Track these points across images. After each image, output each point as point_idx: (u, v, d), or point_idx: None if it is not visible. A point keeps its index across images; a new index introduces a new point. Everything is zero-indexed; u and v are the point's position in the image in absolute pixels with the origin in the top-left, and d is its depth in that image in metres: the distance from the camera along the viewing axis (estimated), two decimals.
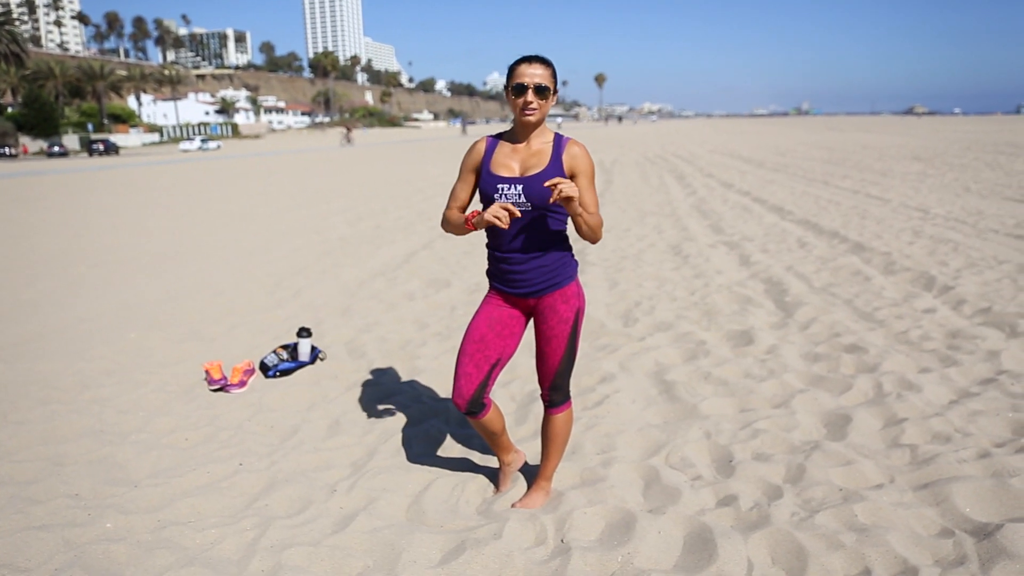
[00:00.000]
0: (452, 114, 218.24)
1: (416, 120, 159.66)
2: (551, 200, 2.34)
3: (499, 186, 2.49)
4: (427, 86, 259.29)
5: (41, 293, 7.13)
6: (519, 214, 2.39)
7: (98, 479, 3.16)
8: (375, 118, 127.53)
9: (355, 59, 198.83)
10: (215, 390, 4.22)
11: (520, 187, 2.46)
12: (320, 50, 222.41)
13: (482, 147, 2.60)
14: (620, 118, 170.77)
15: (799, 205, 11.83)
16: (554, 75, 2.47)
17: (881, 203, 11.73)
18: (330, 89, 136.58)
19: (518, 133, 2.55)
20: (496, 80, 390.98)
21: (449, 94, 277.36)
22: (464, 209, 2.68)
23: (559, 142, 2.52)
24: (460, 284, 6.88)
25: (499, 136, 2.62)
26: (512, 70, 2.46)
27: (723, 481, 2.99)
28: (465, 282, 6.98)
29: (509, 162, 2.53)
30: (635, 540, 2.54)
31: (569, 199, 2.31)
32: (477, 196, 2.67)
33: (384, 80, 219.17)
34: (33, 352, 5.09)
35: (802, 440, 3.36)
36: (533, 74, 2.42)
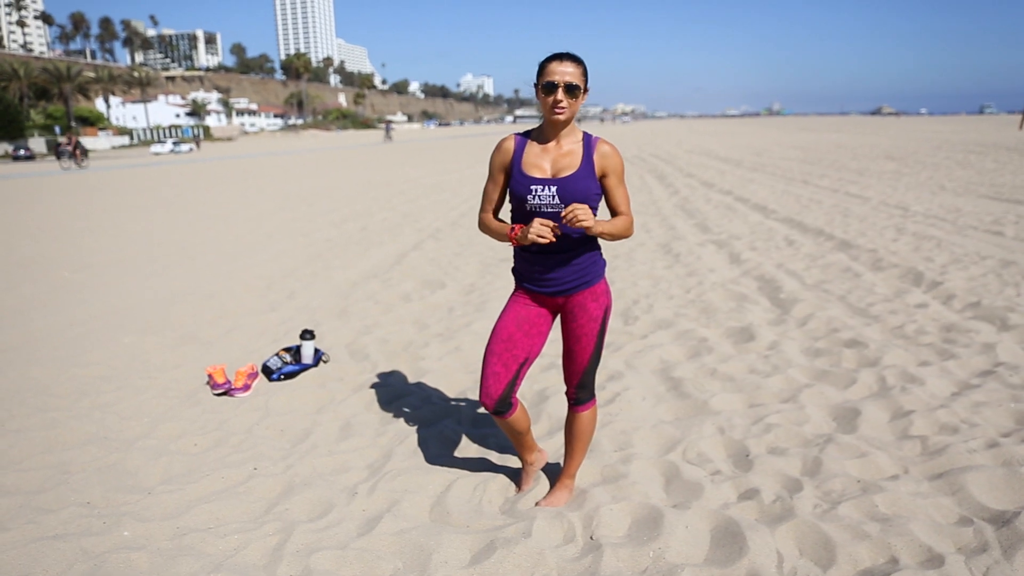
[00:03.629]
0: (426, 116, 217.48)
1: (390, 122, 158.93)
2: (567, 222, 2.35)
3: (532, 187, 2.48)
4: (400, 88, 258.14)
5: (24, 298, 6.96)
6: (558, 234, 2.43)
7: (109, 486, 3.10)
8: (349, 120, 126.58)
9: (328, 61, 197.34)
10: (219, 394, 4.16)
11: (554, 188, 2.45)
12: (292, 52, 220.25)
13: (511, 146, 2.58)
14: (602, 119, 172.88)
15: (781, 204, 11.98)
16: (585, 73, 2.46)
17: (861, 201, 11.94)
18: (303, 91, 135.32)
19: (547, 132, 2.54)
20: (470, 82, 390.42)
21: (423, 96, 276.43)
22: (497, 209, 2.67)
23: (589, 142, 2.52)
24: (455, 285, 6.86)
25: (527, 134, 2.61)
26: (542, 67, 2.44)
27: (742, 475, 3.02)
28: (459, 283, 6.96)
29: (540, 162, 2.52)
30: (664, 535, 2.55)
31: (586, 226, 2.35)
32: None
33: (357, 82, 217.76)
34: (24, 358, 4.97)
35: (814, 433, 3.41)
36: (564, 72, 2.40)
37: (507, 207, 2.71)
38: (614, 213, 2.60)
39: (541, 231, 2.37)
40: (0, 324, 6.00)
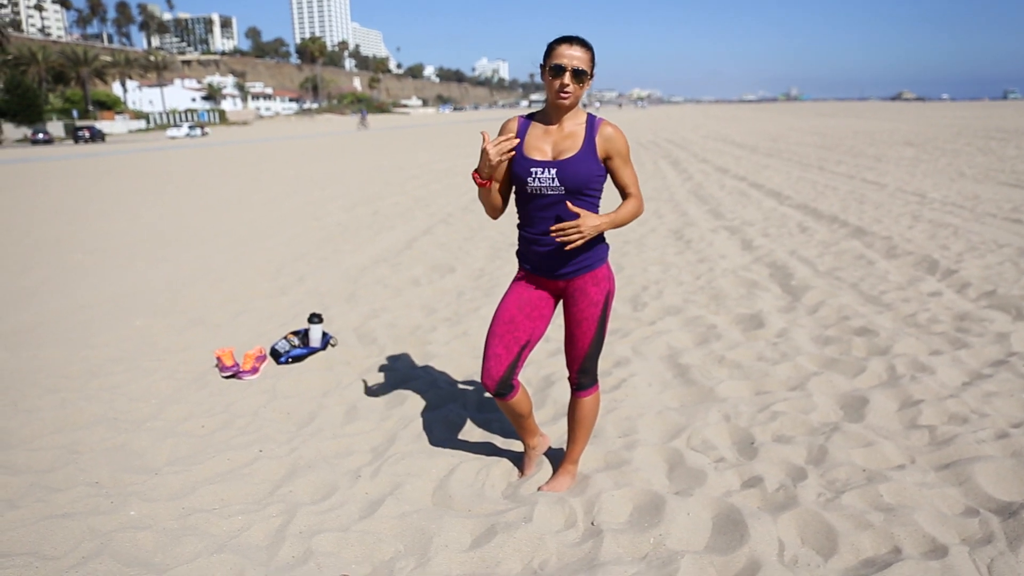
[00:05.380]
0: (441, 100, 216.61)
1: (405, 106, 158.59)
2: (567, 247, 2.42)
3: (532, 170, 2.47)
4: (415, 72, 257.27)
5: (38, 281, 7.04)
6: (511, 153, 2.44)
7: (117, 467, 3.13)
8: (363, 104, 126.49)
9: (343, 45, 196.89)
10: (227, 377, 4.19)
11: (554, 171, 2.44)
12: (307, 36, 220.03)
13: (514, 128, 2.56)
14: (620, 104, 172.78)
15: (796, 190, 11.85)
16: (592, 59, 2.43)
17: (877, 188, 11.78)
18: (318, 75, 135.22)
19: (551, 114, 2.52)
20: (485, 66, 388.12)
21: (438, 80, 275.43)
22: (501, 189, 2.64)
23: (592, 123, 2.49)
24: (464, 270, 6.86)
25: (531, 116, 2.58)
26: (551, 49, 2.40)
27: (746, 463, 3.00)
28: (469, 267, 6.95)
29: (542, 144, 2.50)
30: (665, 522, 2.55)
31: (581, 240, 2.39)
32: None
33: (372, 66, 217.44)
34: (36, 340, 5.03)
35: (821, 422, 3.38)
36: (572, 56, 2.37)
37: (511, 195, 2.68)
38: (623, 194, 2.58)
39: (492, 150, 2.41)
40: (14, 306, 6.08)
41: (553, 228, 2.38)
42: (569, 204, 2.41)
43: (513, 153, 2.46)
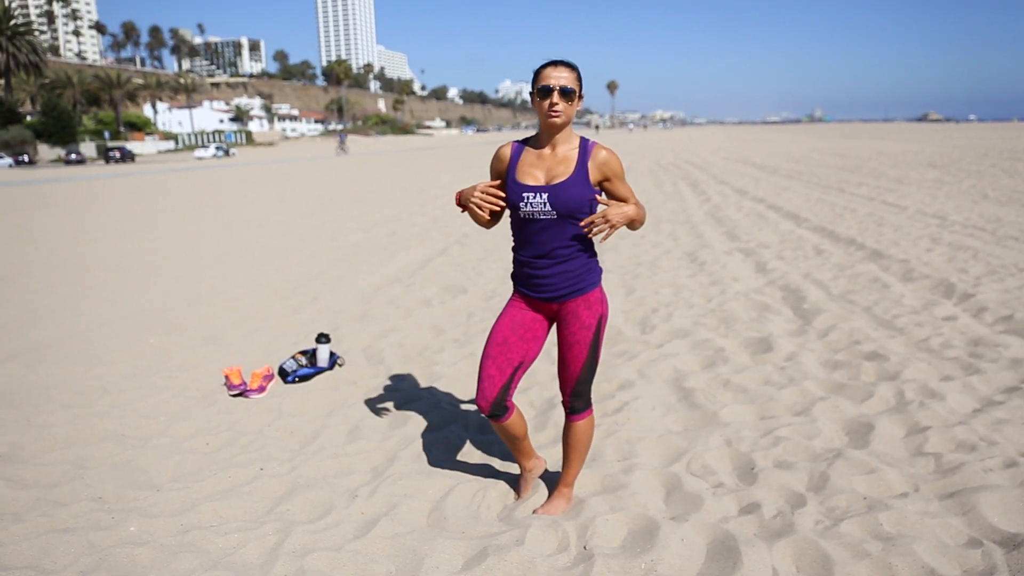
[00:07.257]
0: (464, 121, 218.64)
1: (429, 127, 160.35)
2: (601, 239, 2.44)
3: (524, 195, 2.50)
4: (439, 94, 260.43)
5: (59, 298, 7.21)
6: (499, 207, 2.53)
7: (121, 483, 3.19)
8: (388, 126, 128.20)
9: (368, 67, 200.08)
10: (235, 395, 4.25)
11: (546, 196, 2.47)
12: (333, 58, 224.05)
13: (507, 153, 2.60)
14: (645, 126, 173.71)
15: (814, 212, 11.76)
16: (579, 79, 2.48)
17: (898, 210, 11.65)
18: (343, 97, 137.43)
19: (543, 138, 2.56)
20: (508, 88, 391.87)
21: (461, 102, 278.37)
22: (498, 214, 2.67)
23: (585, 147, 2.52)
24: (477, 291, 6.89)
25: (525, 141, 2.62)
26: (538, 73, 2.47)
27: (745, 489, 2.97)
28: (481, 288, 6.99)
29: (534, 170, 2.54)
30: (658, 548, 2.53)
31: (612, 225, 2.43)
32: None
33: (397, 88, 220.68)
34: (53, 356, 5.14)
35: (824, 448, 3.34)
36: (559, 76, 2.43)
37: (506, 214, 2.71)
38: None
39: (479, 202, 2.51)
40: (36, 323, 6.22)
41: (584, 222, 2.43)
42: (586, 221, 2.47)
43: (497, 207, 2.54)
